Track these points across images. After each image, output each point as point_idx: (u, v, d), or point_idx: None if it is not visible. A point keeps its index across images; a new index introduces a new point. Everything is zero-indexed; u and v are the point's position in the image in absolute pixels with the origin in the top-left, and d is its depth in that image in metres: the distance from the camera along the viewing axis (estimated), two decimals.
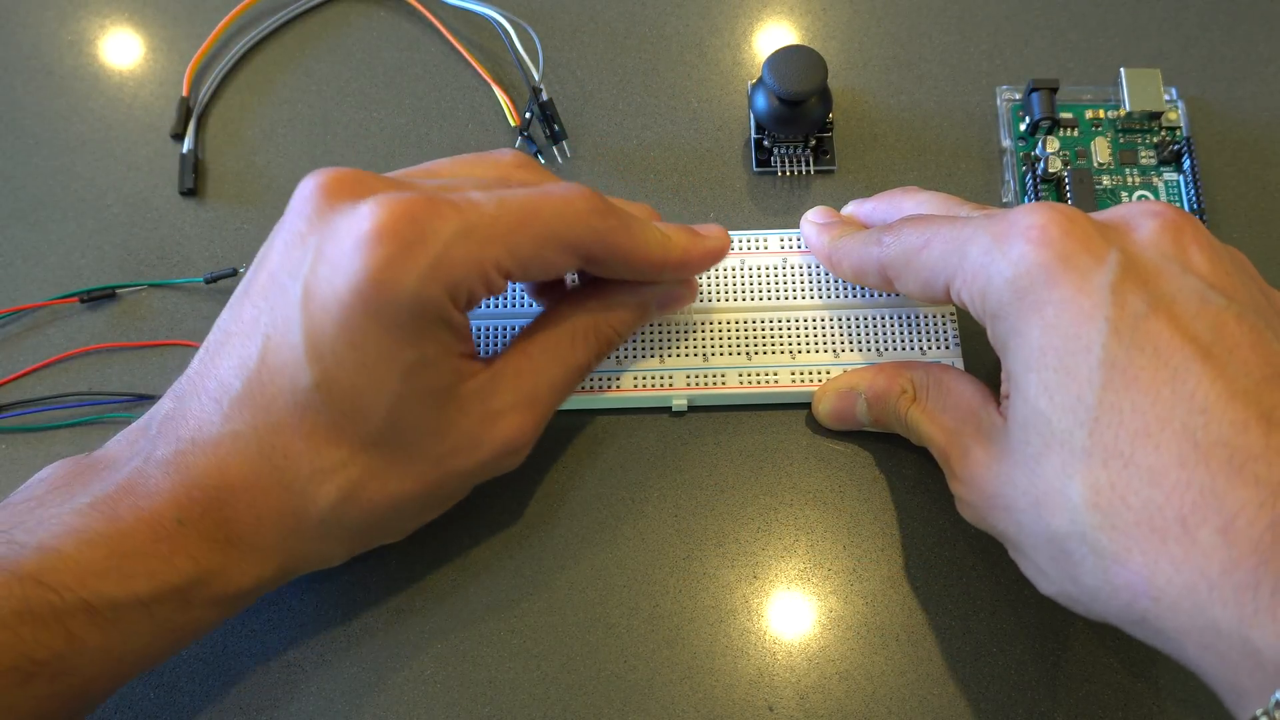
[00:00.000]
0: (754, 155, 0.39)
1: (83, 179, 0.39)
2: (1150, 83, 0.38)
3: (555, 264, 0.28)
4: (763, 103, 0.37)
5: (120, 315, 0.37)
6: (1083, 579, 0.24)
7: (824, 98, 0.37)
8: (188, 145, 0.39)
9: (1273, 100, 0.40)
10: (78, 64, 0.41)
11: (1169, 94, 0.39)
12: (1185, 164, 0.38)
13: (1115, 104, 0.39)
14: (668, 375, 0.34)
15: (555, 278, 0.30)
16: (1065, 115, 0.38)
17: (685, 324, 0.35)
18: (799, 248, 0.36)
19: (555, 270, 0.28)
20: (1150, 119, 0.38)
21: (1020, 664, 0.31)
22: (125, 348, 0.36)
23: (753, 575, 0.33)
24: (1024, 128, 0.39)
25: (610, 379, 0.34)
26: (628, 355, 0.34)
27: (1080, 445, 0.24)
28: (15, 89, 0.41)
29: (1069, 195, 0.37)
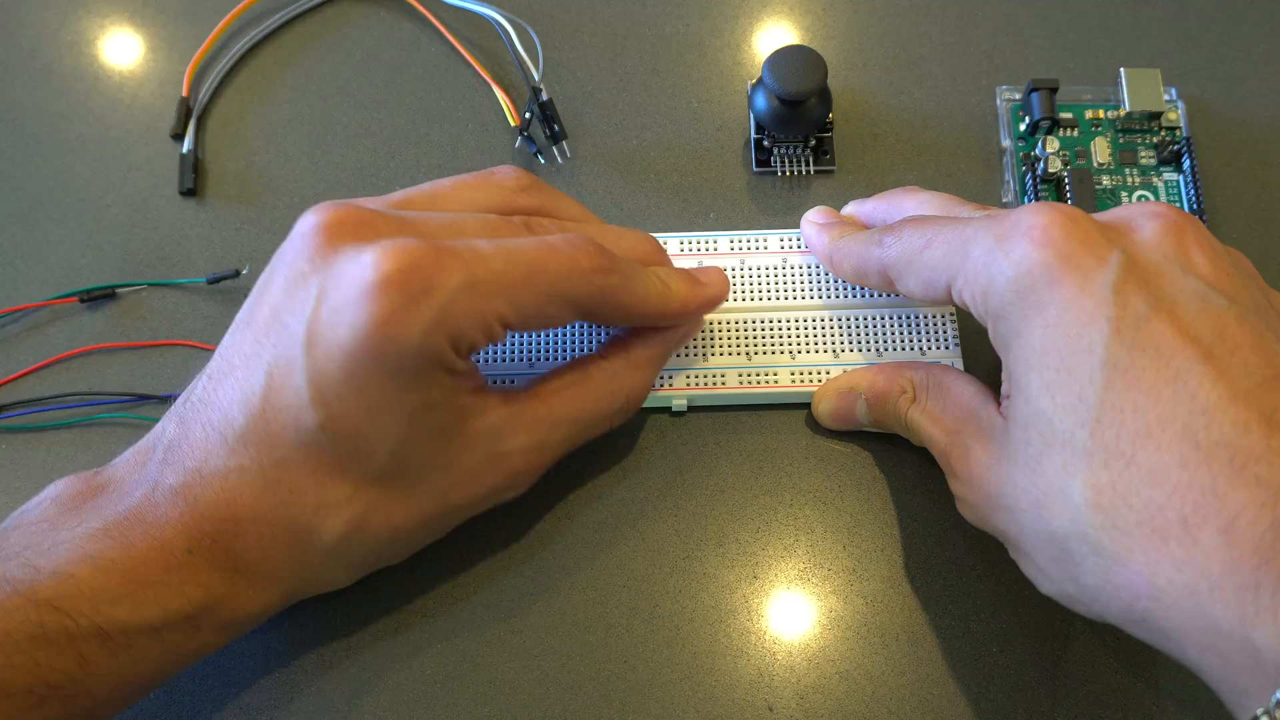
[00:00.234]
0: (754, 155, 0.39)
1: (83, 179, 0.39)
2: (1150, 83, 0.38)
3: (556, 318, 0.28)
4: (763, 103, 0.37)
5: (120, 315, 0.37)
6: (1083, 579, 0.24)
7: (824, 98, 0.37)
8: (188, 145, 0.39)
9: (1273, 100, 0.40)
10: (78, 64, 0.41)
11: (1169, 94, 0.39)
12: (1185, 164, 0.38)
13: (1115, 104, 0.39)
14: (667, 375, 0.34)
15: (555, 327, 0.31)
16: (1065, 115, 0.38)
17: None
18: (799, 248, 0.36)
19: (555, 322, 0.28)
20: (1150, 119, 0.38)
21: (1020, 664, 0.31)
22: (125, 348, 0.36)
23: (753, 575, 0.33)
24: (1024, 128, 0.39)
25: None
26: None
27: (1081, 445, 0.24)
28: (15, 89, 0.41)
29: (1069, 195, 0.37)
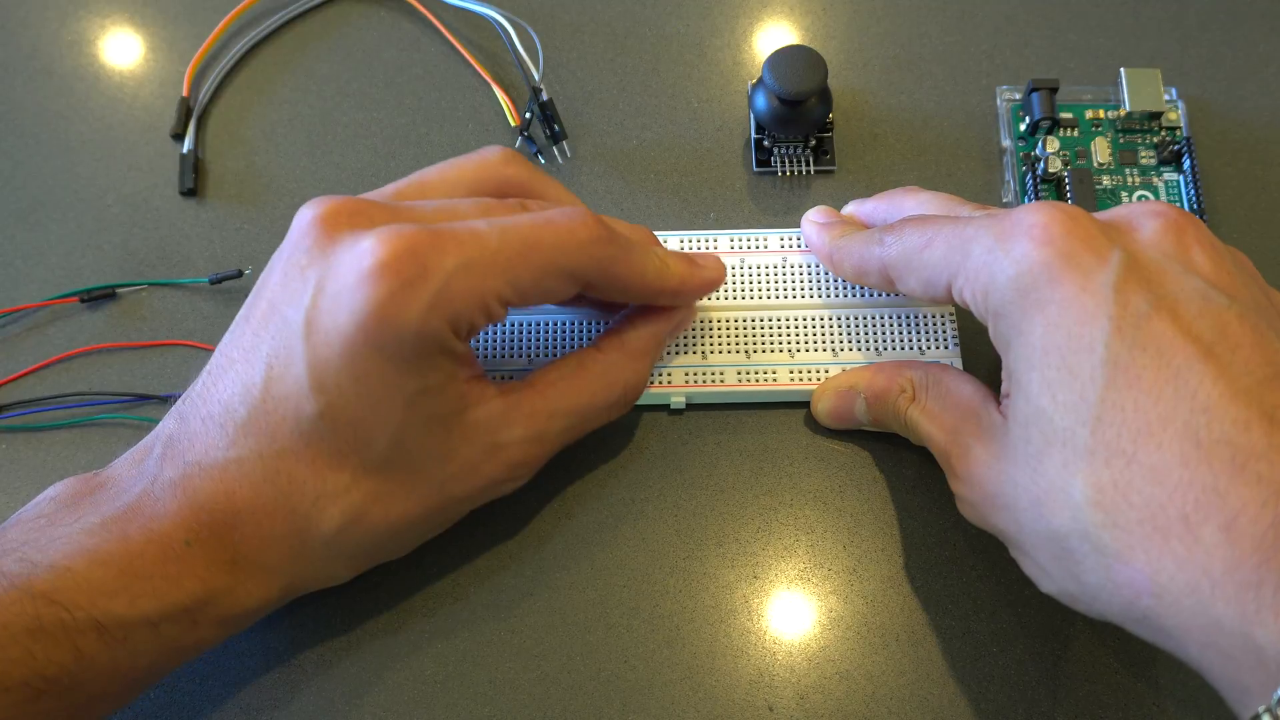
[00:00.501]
0: (754, 155, 0.39)
1: (83, 179, 0.39)
2: (1150, 83, 0.38)
3: (555, 291, 0.28)
4: (763, 103, 0.37)
5: (120, 315, 0.37)
6: (1085, 577, 0.24)
7: (824, 98, 0.37)
8: (188, 145, 0.39)
9: (1273, 100, 0.40)
10: (78, 64, 0.41)
11: (1169, 94, 0.39)
12: (1185, 164, 0.38)
13: (1115, 104, 0.39)
14: (666, 373, 0.34)
15: (554, 302, 0.30)
16: (1065, 115, 0.38)
17: None
18: (799, 247, 0.36)
19: (554, 297, 0.28)
20: (1150, 119, 0.38)
21: (1020, 664, 0.31)
22: (125, 348, 0.36)
23: (753, 575, 0.32)
24: (1024, 128, 0.39)
25: None
26: None
27: (1082, 444, 0.24)
28: (15, 89, 0.41)
29: (1069, 195, 0.37)
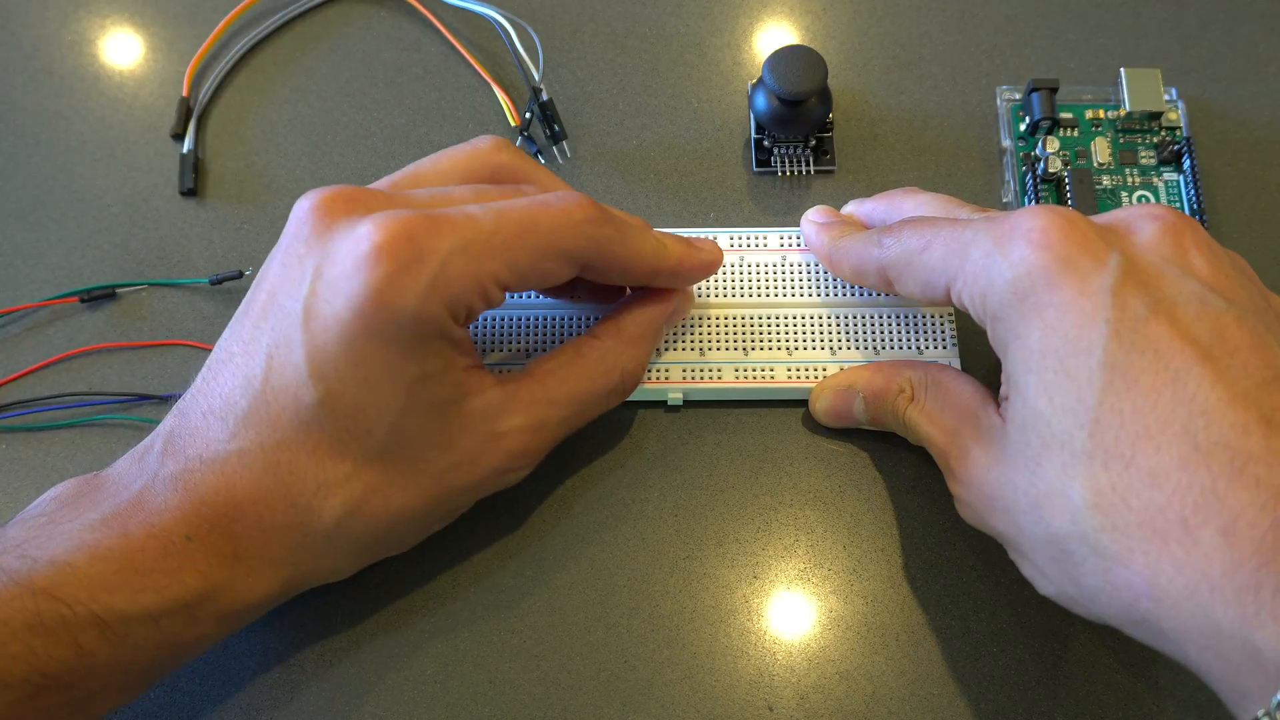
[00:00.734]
0: (754, 155, 0.39)
1: (83, 179, 0.39)
2: (1150, 83, 0.38)
3: (553, 274, 0.28)
4: (763, 103, 0.37)
5: (120, 315, 0.37)
6: (1083, 580, 0.24)
7: (824, 98, 0.37)
8: (188, 145, 0.39)
9: (1273, 100, 0.40)
10: (78, 64, 0.41)
11: (1169, 94, 0.39)
12: (1185, 164, 0.38)
13: (1115, 104, 0.39)
14: (664, 368, 0.34)
15: (553, 285, 0.30)
16: (1065, 115, 0.38)
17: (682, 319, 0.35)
18: (798, 246, 0.36)
19: (552, 279, 0.28)
20: (1150, 119, 0.38)
21: (1020, 664, 0.31)
22: (125, 348, 0.36)
23: (753, 575, 0.33)
24: (1024, 128, 0.39)
25: None
26: None
27: (1081, 447, 0.24)
28: (15, 89, 0.41)
29: (1069, 195, 0.37)
